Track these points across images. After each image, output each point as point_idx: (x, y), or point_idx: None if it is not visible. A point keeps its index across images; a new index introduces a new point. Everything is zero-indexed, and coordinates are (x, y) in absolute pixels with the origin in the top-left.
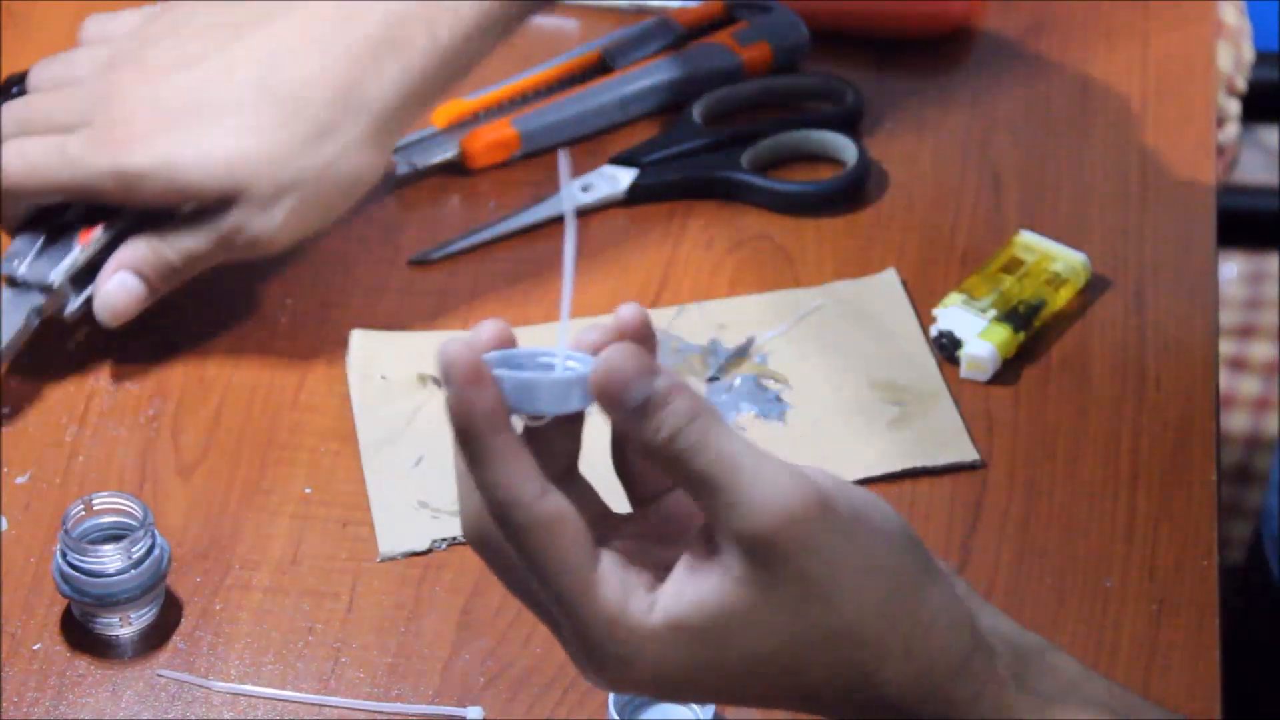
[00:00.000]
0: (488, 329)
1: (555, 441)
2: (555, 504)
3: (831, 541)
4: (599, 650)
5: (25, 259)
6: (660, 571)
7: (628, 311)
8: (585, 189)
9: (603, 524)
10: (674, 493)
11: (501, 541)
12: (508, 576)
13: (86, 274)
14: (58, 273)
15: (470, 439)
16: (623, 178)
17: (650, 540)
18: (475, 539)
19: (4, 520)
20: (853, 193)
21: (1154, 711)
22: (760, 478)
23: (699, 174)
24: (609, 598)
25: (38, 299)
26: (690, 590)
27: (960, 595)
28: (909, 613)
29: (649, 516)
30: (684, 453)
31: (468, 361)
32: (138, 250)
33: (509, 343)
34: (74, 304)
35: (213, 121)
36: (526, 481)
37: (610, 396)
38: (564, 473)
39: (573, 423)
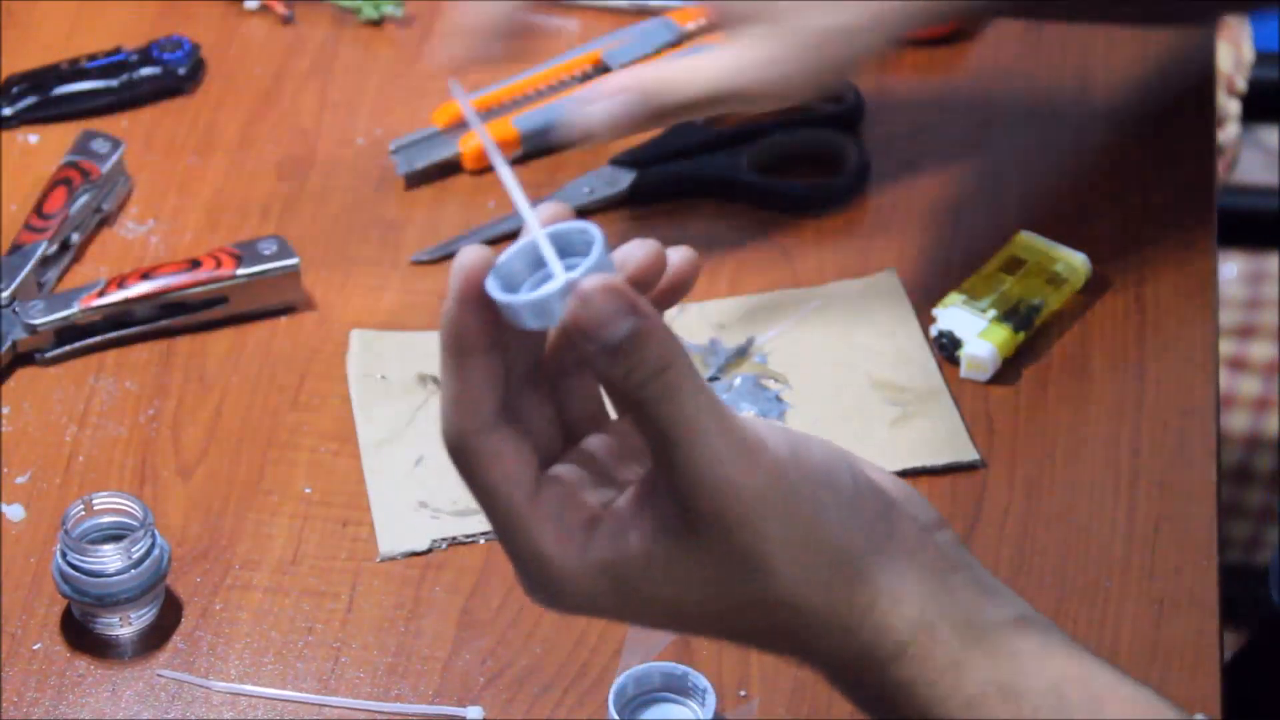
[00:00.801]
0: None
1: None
2: (495, 442)
3: (772, 518)
4: (531, 580)
5: (9, 287)
6: (615, 493)
7: (678, 255)
8: (589, 190)
9: (587, 426)
10: None
11: None
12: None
13: (77, 331)
14: (33, 316)
15: (447, 353)
16: (623, 179)
17: (620, 454)
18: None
19: (20, 509)
20: (852, 193)
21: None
22: (711, 447)
23: (699, 173)
24: (542, 537)
25: (19, 333)
26: (624, 539)
27: (927, 561)
28: (848, 592)
29: (629, 426)
30: (645, 403)
31: (471, 281)
32: (644, 74)
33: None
34: (54, 351)
35: None
36: (479, 407)
37: (584, 334)
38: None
39: None
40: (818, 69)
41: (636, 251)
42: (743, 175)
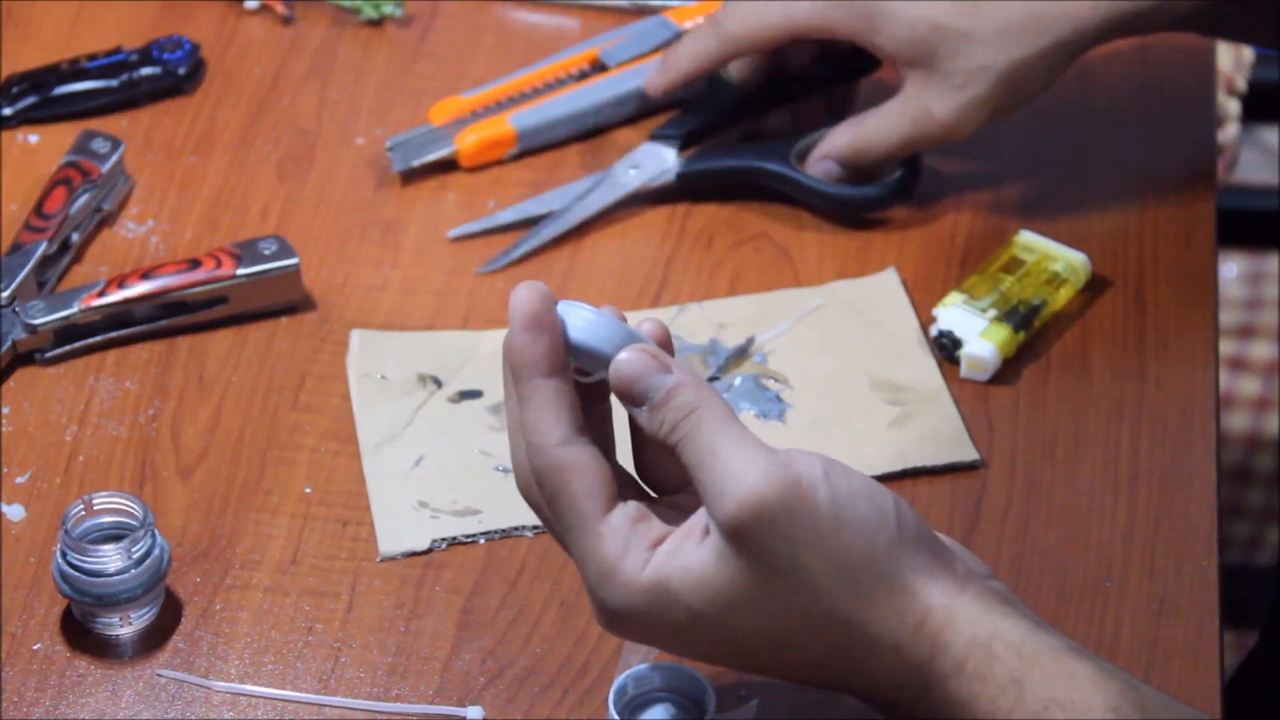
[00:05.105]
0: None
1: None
2: (573, 453)
3: (800, 527)
4: (597, 595)
5: (9, 287)
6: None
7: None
8: (634, 171)
9: (639, 487)
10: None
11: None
12: (544, 522)
13: (77, 331)
14: (33, 316)
15: (517, 380)
16: (667, 157)
17: (680, 510)
18: (521, 484)
19: (20, 509)
20: (902, 195)
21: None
22: (735, 469)
23: (750, 167)
24: (609, 550)
25: (19, 333)
26: (680, 556)
27: (978, 592)
28: (895, 609)
29: (687, 492)
30: (677, 445)
31: (529, 308)
32: (839, 139)
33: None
34: (54, 351)
35: None
36: (555, 427)
37: (626, 390)
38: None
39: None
40: (1006, 107)
41: (649, 326)
42: (793, 173)
